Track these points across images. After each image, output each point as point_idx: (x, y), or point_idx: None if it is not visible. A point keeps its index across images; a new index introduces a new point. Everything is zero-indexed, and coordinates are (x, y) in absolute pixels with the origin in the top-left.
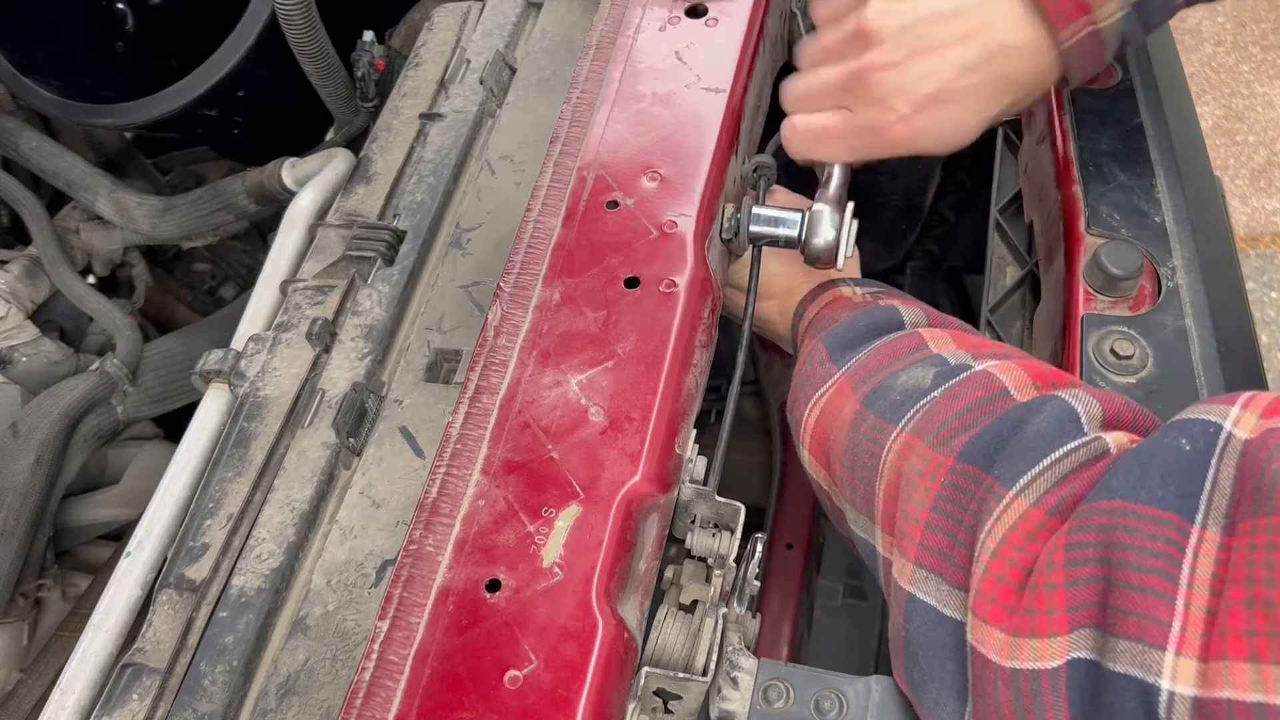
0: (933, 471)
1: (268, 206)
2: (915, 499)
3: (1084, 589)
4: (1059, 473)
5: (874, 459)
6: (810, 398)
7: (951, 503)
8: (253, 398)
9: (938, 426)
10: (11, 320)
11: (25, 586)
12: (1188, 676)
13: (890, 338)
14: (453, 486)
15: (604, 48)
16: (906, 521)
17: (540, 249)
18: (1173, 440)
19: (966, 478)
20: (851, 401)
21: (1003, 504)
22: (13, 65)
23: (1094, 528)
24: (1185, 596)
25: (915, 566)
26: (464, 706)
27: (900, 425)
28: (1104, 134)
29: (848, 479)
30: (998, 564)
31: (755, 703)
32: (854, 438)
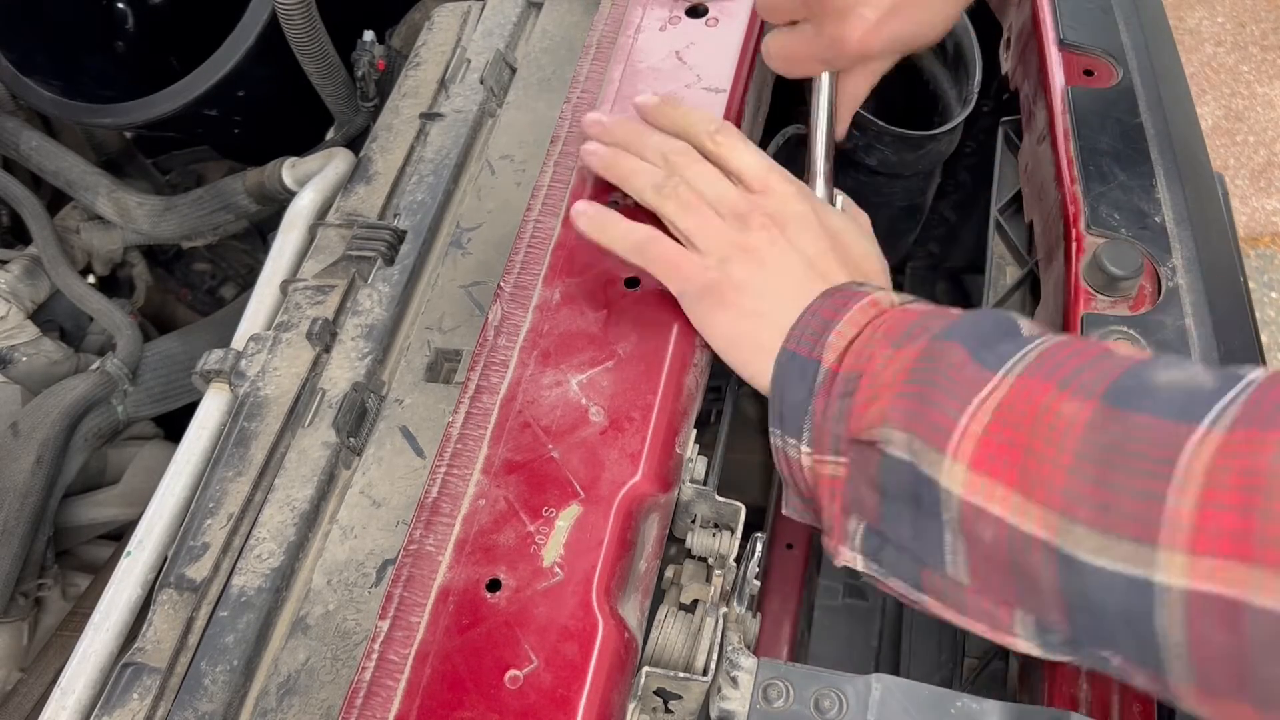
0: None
1: (268, 206)
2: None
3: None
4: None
5: (1164, 464)
6: (965, 401)
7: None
8: (253, 397)
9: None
10: (11, 320)
11: (25, 586)
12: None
13: (1048, 343)
14: (453, 486)
15: (604, 47)
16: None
17: (540, 249)
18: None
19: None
20: (1073, 402)
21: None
22: (13, 65)
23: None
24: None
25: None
26: (464, 706)
27: (1205, 425)
28: (1104, 134)
29: (1089, 493)
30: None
31: (755, 702)
32: (1106, 443)
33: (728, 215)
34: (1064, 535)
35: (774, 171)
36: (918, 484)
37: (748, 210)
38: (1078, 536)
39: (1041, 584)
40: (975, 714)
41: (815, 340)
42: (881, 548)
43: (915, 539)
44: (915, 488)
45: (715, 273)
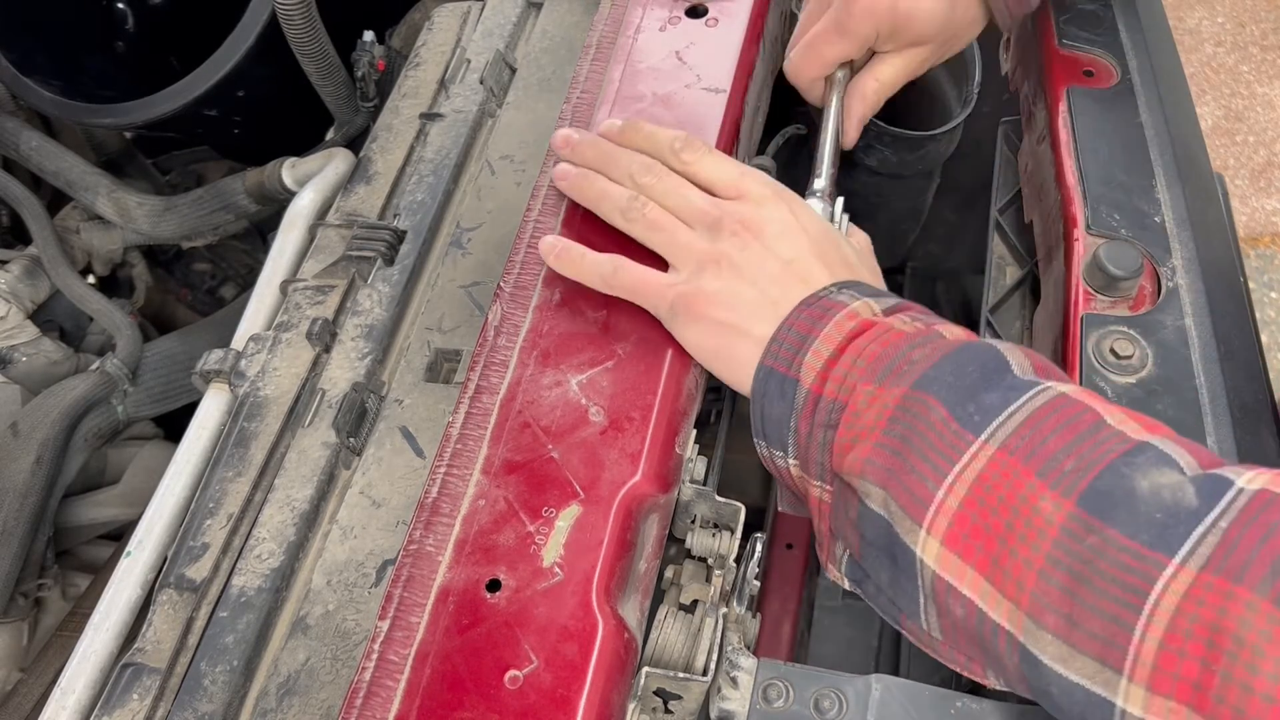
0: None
1: (268, 206)
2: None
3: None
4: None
5: (1133, 593)
6: (941, 471)
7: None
8: (253, 397)
9: (1270, 570)
10: (11, 320)
11: (25, 586)
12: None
13: (1036, 401)
14: (453, 486)
15: (604, 48)
16: (1269, 707)
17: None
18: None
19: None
20: (1050, 497)
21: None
22: (13, 65)
23: None
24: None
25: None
26: (464, 706)
27: (1179, 558)
28: (1104, 134)
29: (1057, 602)
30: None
31: (755, 702)
32: (1079, 553)
33: (698, 226)
34: (1029, 635)
35: (747, 176)
36: (893, 544)
37: (719, 217)
38: (1042, 641)
39: (1005, 664)
40: (975, 714)
41: (792, 357)
42: (864, 580)
43: (892, 587)
44: (891, 547)
45: (684, 287)
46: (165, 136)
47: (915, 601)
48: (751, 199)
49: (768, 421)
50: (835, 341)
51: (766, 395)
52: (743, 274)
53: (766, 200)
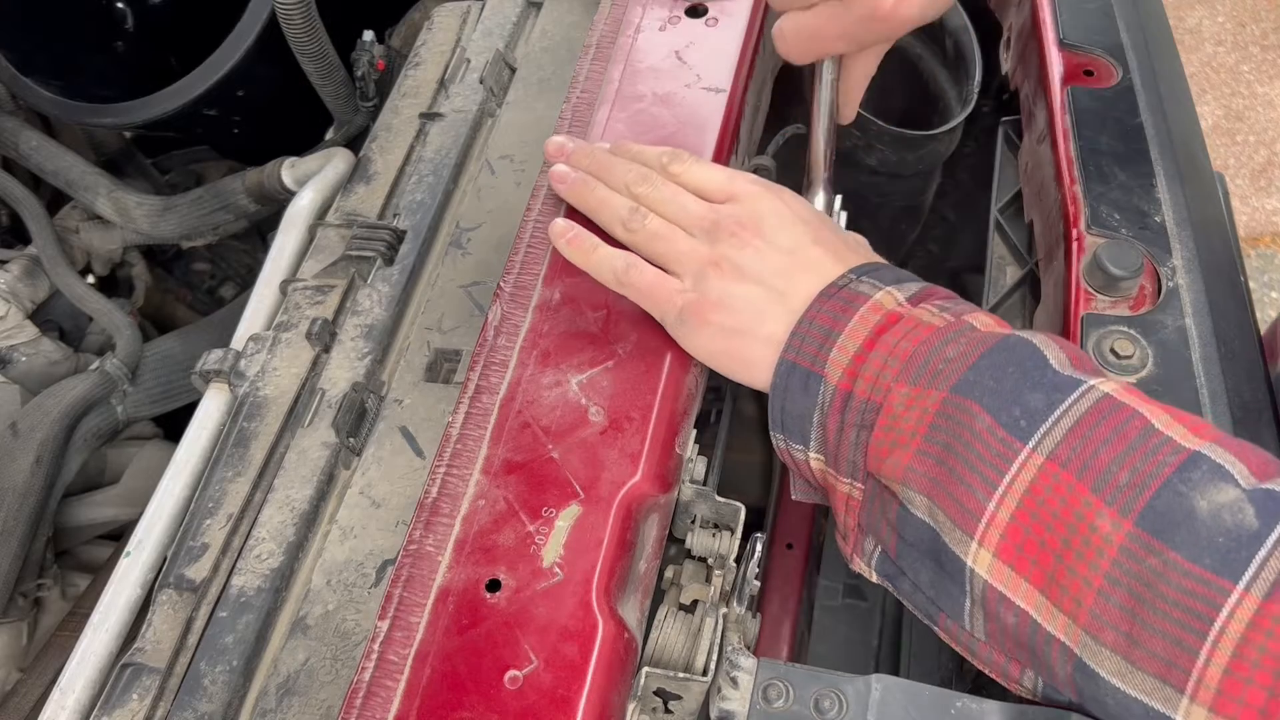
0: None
1: (267, 206)
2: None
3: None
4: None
5: (1196, 618)
6: (991, 482)
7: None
8: (252, 397)
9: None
10: (11, 320)
11: (25, 586)
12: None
13: (1081, 405)
14: (453, 486)
15: (604, 47)
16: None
17: (540, 249)
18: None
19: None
20: (1108, 515)
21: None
22: (13, 65)
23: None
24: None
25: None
26: (464, 706)
27: (1243, 584)
28: (1104, 134)
29: (1116, 620)
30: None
31: (755, 702)
32: (1139, 574)
33: (697, 232)
34: (1085, 649)
35: (737, 179)
36: (940, 551)
37: (715, 221)
38: (1100, 656)
39: (1056, 672)
40: (975, 714)
41: (816, 352)
42: (898, 577)
43: (933, 588)
44: (937, 553)
45: (691, 294)
46: (165, 136)
47: (960, 605)
48: (744, 198)
49: (788, 416)
50: (861, 336)
51: (789, 390)
52: (745, 274)
53: (759, 196)
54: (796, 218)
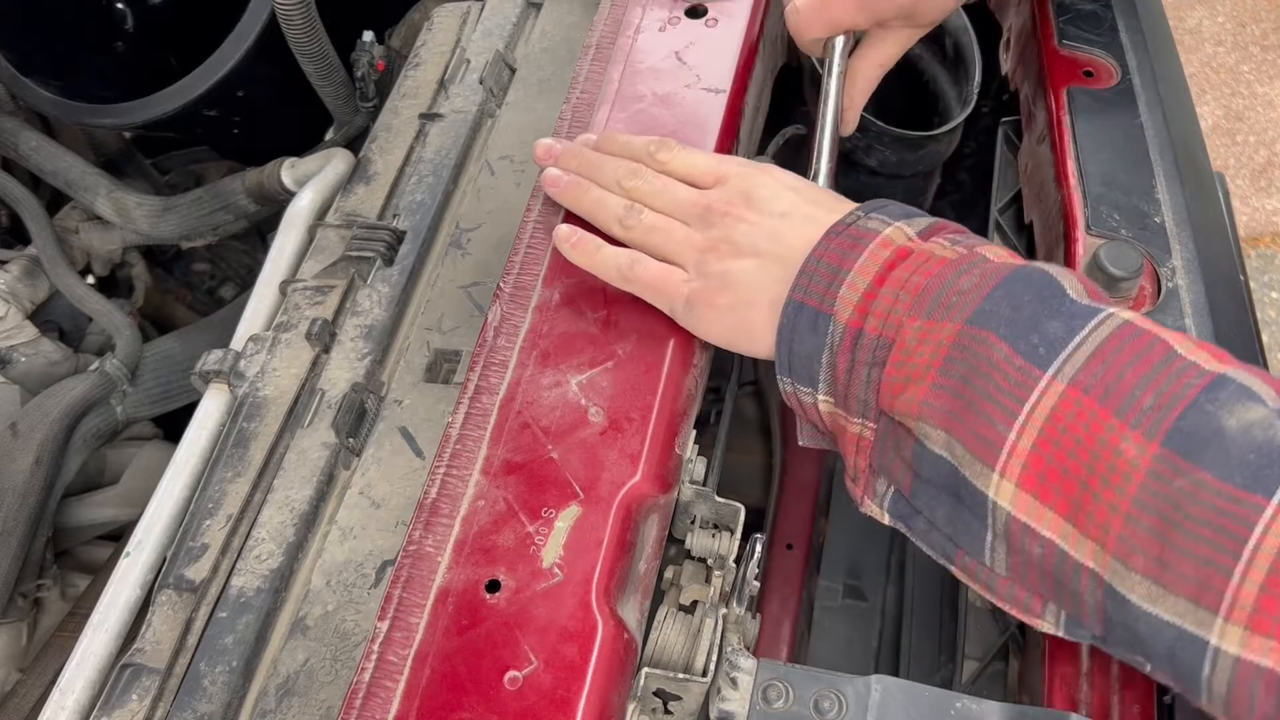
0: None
1: (267, 206)
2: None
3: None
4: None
5: (1229, 537)
6: (1010, 411)
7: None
8: (252, 398)
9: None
10: (11, 320)
11: (24, 586)
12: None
13: (1102, 330)
14: (452, 487)
15: (604, 48)
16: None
17: (540, 249)
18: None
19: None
20: (1132, 439)
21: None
22: (12, 65)
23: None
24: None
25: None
26: (464, 707)
27: (1277, 499)
28: (1104, 134)
29: (1146, 544)
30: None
31: (755, 703)
32: (1167, 495)
33: (692, 220)
34: (1115, 575)
35: (724, 162)
36: (959, 485)
37: (707, 205)
38: (1130, 581)
39: (1084, 599)
40: (975, 715)
41: (824, 290)
42: (912, 516)
43: (951, 524)
44: (956, 487)
45: (696, 283)
46: (165, 136)
47: (980, 540)
48: (732, 178)
49: (795, 357)
50: (871, 272)
51: (796, 330)
52: (742, 250)
53: (747, 174)
54: (785, 186)
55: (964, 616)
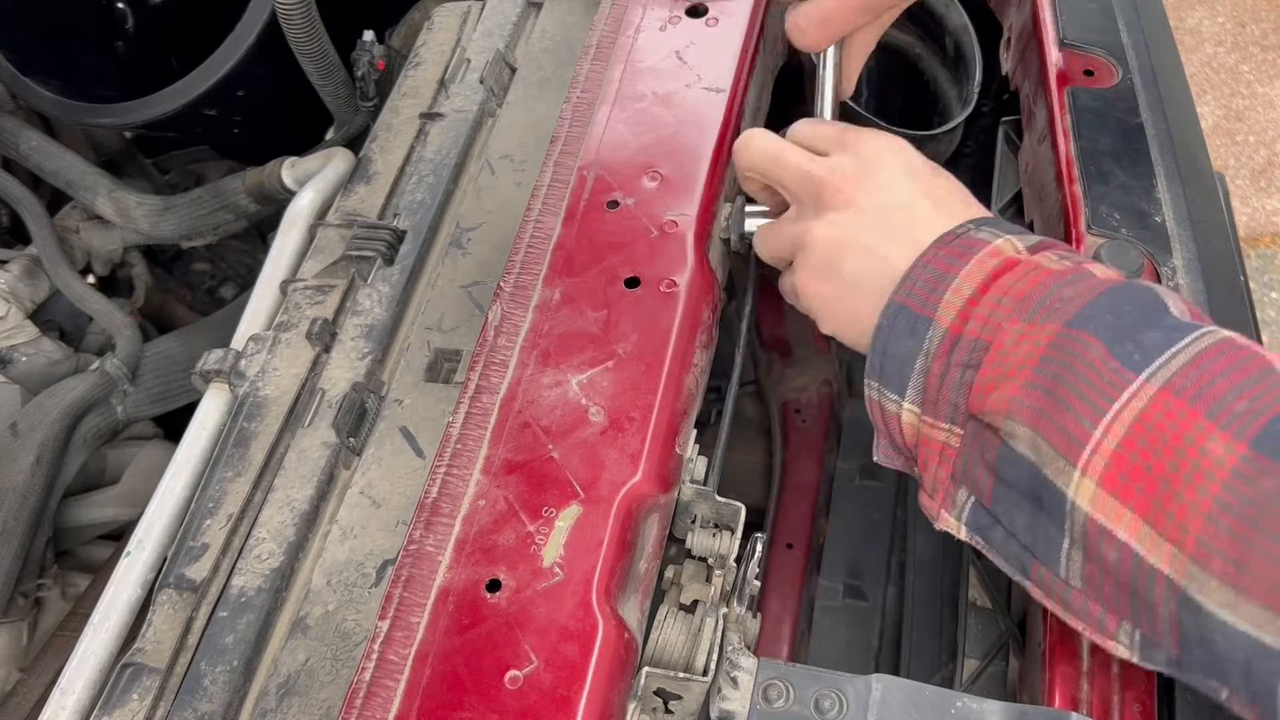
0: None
1: (268, 206)
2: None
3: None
4: None
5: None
6: (1099, 409)
7: None
8: (253, 397)
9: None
10: (11, 320)
11: (25, 586)
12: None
13: (1201, 343)
14: (453, 486)
15: (604, 47)
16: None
17: (540, 249)
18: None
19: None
20: (1220, 439)
21: None
22: (13, 65)
23: None
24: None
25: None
26: (464, 706)
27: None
28: (1104, 134)
29: (1225, 547)
30: None
31: (755, 702)
32: (1251, 498)
33: (804, 194)
34: (1191, 579)
35: (847, 130)
36: (1039, 485)
37: (820, 180)
38: (1208, 586)
39: (1159, 612)
40: (975, 714)
41: (927, 295)
42: (991, 527)
43: (1029, 532)
44: (1036, 488)
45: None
46: (165, 136)
47: (1057, 547)
48: (851, 148)
49: (889, 360)
50: (978, 280)
51: (893, 333)
52: (846, 244)
53: (870, 148)
54: (907, 171)
55: (964, 616)
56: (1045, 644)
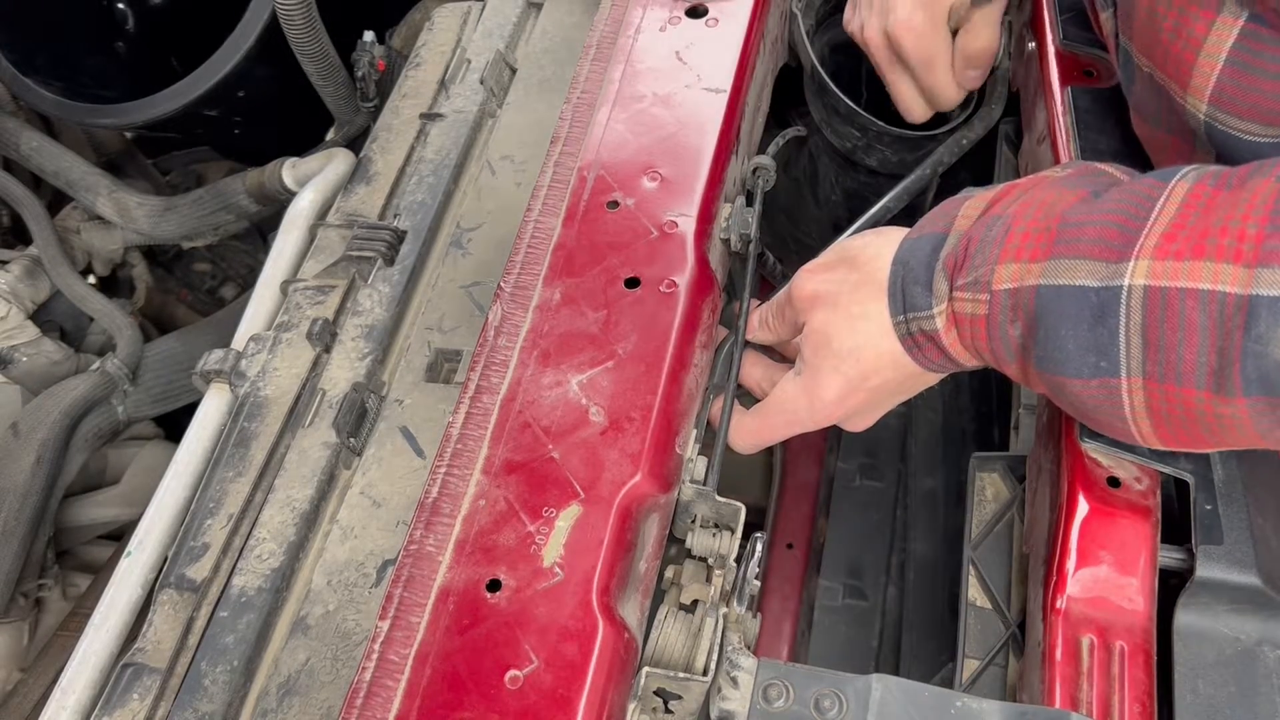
0: None
1: (268, 206)
2: None
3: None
4: None
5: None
6: (1147, 205)
7: None
8: (253, 397)
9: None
10: (12, 320)
11: (26, 586)
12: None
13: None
14: (453, 486)
15: (604, 48)
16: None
17: (541, 249)
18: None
19: None
20: (1268, 177)
21: None
22: (13, 65)
23: None
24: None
25: None
26: (464, 706)
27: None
28: (1104, 134)
29: None
30: None
31: (755, 702)
32: None
33: None
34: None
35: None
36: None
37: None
38: None
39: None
40: (975, 714)
41: (943, 219)
42: None
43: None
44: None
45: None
46: (165, 136)
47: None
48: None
49: (912, 270)
50: (988, 197)
51: (914, 252)
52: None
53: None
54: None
55: (964, 616)
56: (1045, 644)
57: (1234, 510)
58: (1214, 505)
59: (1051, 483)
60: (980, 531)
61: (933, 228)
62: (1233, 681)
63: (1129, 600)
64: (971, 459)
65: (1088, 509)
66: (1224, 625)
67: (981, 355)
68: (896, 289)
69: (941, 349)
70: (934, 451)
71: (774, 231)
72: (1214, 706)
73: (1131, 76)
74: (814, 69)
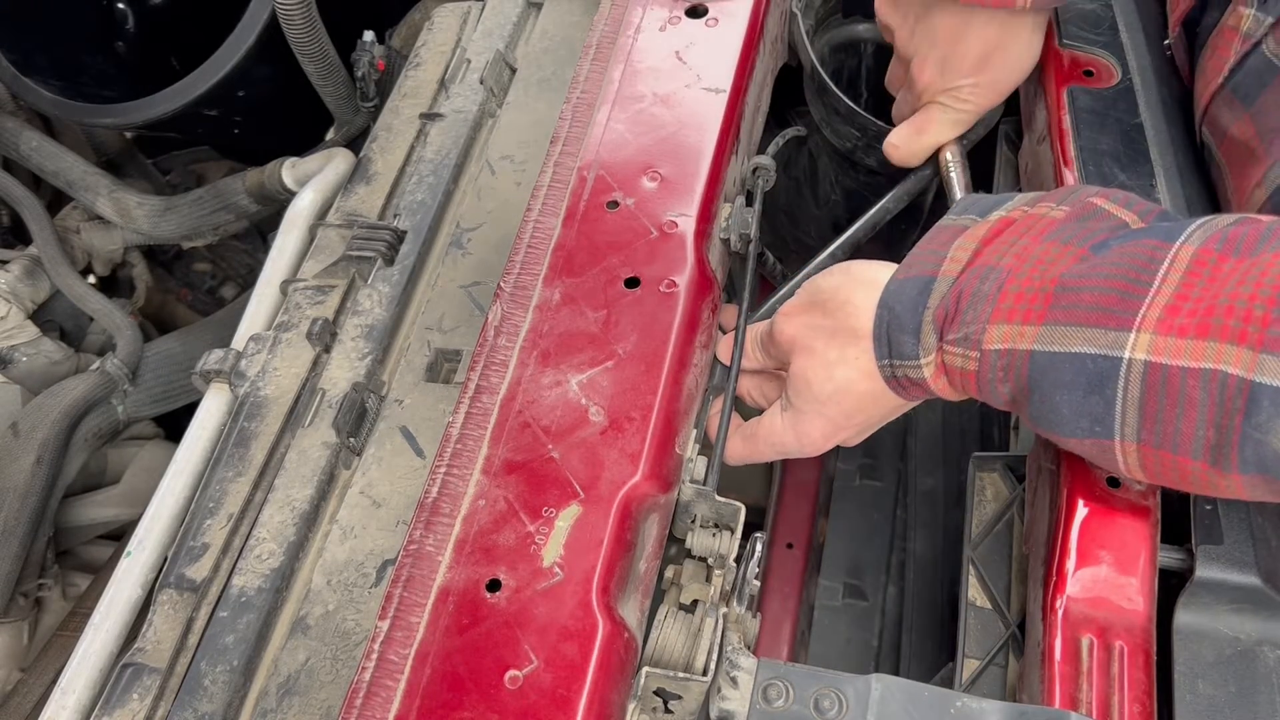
0: None
1: (268, 206)
2: None
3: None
4: None
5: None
6: (1146, 277)
7: None
8: (253, 397)
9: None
10: (12, 320)
11: (26, 586)
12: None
13: (1216, 222)
14: (453, 486)
15: (604, 48)
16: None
17: (540, 249)
18: None
19: None
20: (1272, 249)
21: None
22: (13, 65)
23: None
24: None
25: None
26: (464, 706)
27: None
28: (1104, 134)
29: None
30: None
31: (755, 702)
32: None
33: None
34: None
35: None
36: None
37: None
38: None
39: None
40: (975, 714)
41: (931, 259)
42: None
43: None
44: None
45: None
46: (165, 136)
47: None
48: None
49: (897, 316)
50: (979, 237)
51: (901, 296)
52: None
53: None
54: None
55: (964, 616)
56: (1045, 644)
57: (1234, 510)
58: (1214, 505)
59: (1051, 483)
60: (980, 531)
61: (920, 270)
62: (1233, 681)
63: (1129, 600)
64: (971, 459)
65: (1087, 509)
66: (1224, 625)
67: (970, 397)
68: (882, 334)
69: (928, 390)
70: (934, 451)
71: (774, 231)
72: (1214, 706)
73: (1266, 81)
74: (814, 69)
